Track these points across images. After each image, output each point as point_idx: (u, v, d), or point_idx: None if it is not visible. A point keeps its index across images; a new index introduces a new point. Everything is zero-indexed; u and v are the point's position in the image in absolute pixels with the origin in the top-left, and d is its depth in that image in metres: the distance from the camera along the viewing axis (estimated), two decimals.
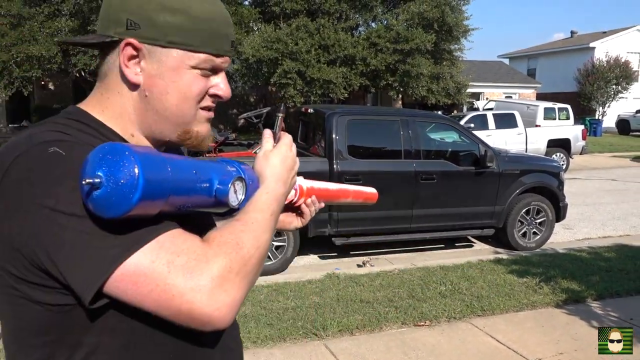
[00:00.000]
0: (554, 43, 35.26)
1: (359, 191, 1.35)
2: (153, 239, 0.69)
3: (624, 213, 8.31)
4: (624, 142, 21.25)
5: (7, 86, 12.08)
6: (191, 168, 0.76)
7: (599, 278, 4.71)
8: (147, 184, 0.64)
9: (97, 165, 0.64)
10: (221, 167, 0.85)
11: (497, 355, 3.31)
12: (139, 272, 0.67)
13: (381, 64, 14.76)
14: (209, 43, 0.81)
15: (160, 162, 0.68)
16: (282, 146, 0.94)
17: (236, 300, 0.71)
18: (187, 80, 0.81)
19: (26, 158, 0.70)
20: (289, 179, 0.93)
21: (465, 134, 6.02)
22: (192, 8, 0.78)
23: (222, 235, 0.75)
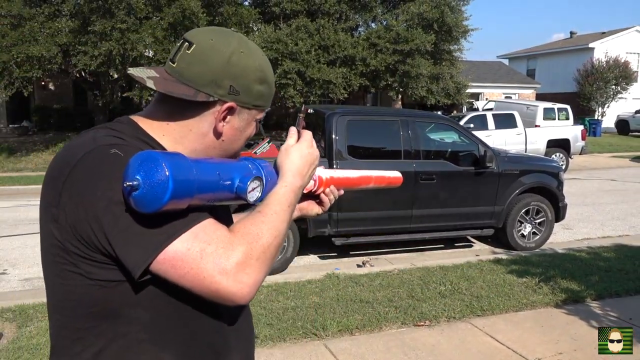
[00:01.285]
0: (554, 43, 35.28)
1: (381, 177, 1.40)
2: (189, 230, 0.83)
3: (623, 213, 8.32)
4: (623, 143, 21.26)
5: (8, 86, 12.08)
6: (215, 170, 0.89)
7: (599, 278, 4.72)
8: (176, 186, 0.77)
9: (136, 170, 0.77)
10: (243, 167, 0.97)
11: (497, 355, 3.31)
12: (177, 257, 0.81)
13: (381, 65, 14.76)
14: (270, 101, 1.03)
15: (187, 167, 0.81)
16: (303, 142, 1.07)
17: (257, 281, 0.85)
18: (251, 129, 1.02)
19: (93, 156, 0.85)
20: (307, 172, 1.05)
21: (464, 134, 6.02)
22: (270, 78, 1.00)
23: (245, 226, 0.89)
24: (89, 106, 18.04)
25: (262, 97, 0.99)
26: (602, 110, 27.53)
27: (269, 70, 1.01)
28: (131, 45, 11.77)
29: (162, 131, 0.96)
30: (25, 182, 10.89)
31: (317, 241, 5.60)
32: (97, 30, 11.74)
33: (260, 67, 0.98)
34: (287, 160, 1.04)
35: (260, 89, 0.98)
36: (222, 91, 0.93)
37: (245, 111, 0.98)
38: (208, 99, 0.93)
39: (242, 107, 0.97)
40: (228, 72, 0.93)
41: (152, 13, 12.50)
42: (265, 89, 1.00)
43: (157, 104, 0.98)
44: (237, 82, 0.94)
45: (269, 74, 1.00)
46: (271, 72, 1.01)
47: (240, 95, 0.96)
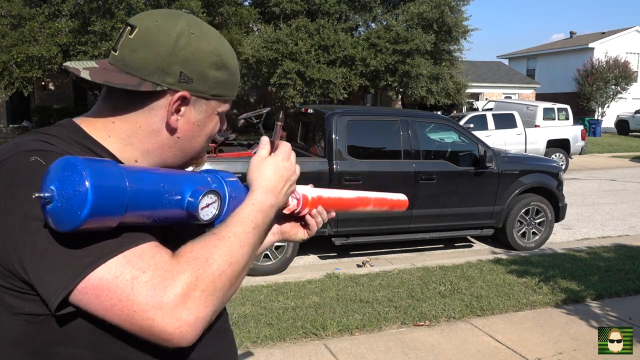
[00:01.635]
0: (553, 43, 35.29)
1: (382, 199, 1.18)
2: (120, 253, 0.69)
3: (623, 213, 8.33)
4: (623, 143, 21.27)
5: (8, 86, 12.10)
6: (159, 180, 0.75)
7: (598, 278, 4.72)
8: (98, 199, 0.63)
9: (52, 179, 0.65)
10: (199, 179, 0.83)
11: (497, 355, 3.32)
12: (102, 286, 0.67)
13: (381, 65, 14.77)
14: (234, 91, 0.91)
15: (116, 176, 0.67)
16: (278, 155, 0.93)
17: (200, 319, 0.70)
18: (213, 124, 0.90)
19: (9, 164, 0.73)
20: (282, 189, 0.91)
21: (464, 134, 6.03)
22: (230, 63, 0.88)
23: (193, 250, 0.74)
24: (88, 106, 18.03)
25: (221, 85, 0.87)
26: (602, 110, 27.54)
27: (229, 55, 0.88)
28: None
29: (107, 131, 0.84)
30: None
31: (317, 241, 5.60)
32: (97, 30, 11.75)
33: (216, 51, 0.85)
34: (258, 174, 0.90)
35: (217, 76, 0.85)
36: (172, 79, 0.81)
37: (202, 102, 0.86)
38: (155, 89, 0.81)
39: (197, 97, 0.85)
40: (176, 57, 0.81)
41: None
42: (225, 75, 0.87)
43: (102, 100, 0.86)
44: (188, 68, 0.82)
45: (228, 59, 0.88)
46: (232, 57, 0.89)
47: (193, 83, 0.83)
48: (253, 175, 0.90)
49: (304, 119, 6.29)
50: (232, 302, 3.97)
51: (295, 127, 6.52)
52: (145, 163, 0.86)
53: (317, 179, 5.05)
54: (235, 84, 0.91)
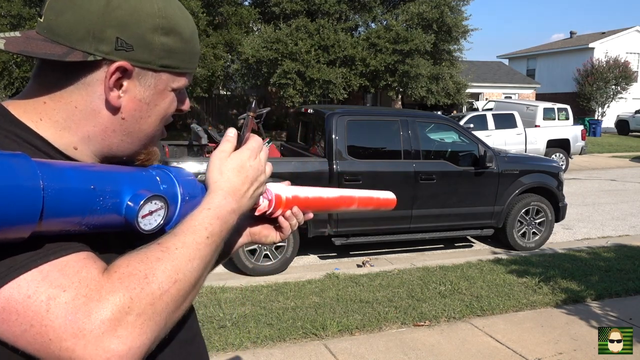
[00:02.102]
0: (554, 43, 35.29)
1: (367, 198, 1.08)
2: (36, 267, 0.56)
3: (623, 213, 8.32)
4: (623, 143, 21.27)
5: (7, 86, 12.10)
6: (88, 180, 0.61)
7: (598, 278, 4.72)
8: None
9: None
10: (144, 178, 0.70)
11: (497, 355, 3.31)
12: (11, 308, 0.54)
13: (381, 65, 14.77)
14: (190, 63, 0.76)
15: (27, 175, 0.53)
16: (244, 151, 0.80)
17: (134, 349, 0.57)
18: (167, 103, 0.75)
19: None
20: (246, 192, 0.79)
21: (464, 134, 6.03)
22: (182, 28, 0.73)
23: (130, 264, 0.61)
24: None
25: (171, 53, 0.72)
26: (602, 110, 27.55)
27: (180, 18, 0.73)
28: None
29: (38, 114, 0.69)
30: None
31: (317, 241, 5.60)
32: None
33: (160, 12, 0.70)
34: (217, 174, 0.78)
35: (165, 42, 0.70)
36: (106, 46, 0.67)
37: (149, 75, 0.71)
38: (86, 59, 0.66)
39: (142, 69, 0.70)
40: (110, 19, 0.66)
41: None
42: (175, 42, 0.72)
43: (33, 79, 0.72)
44: (126, 32, 0.67)
45: (179, 22, 0.72)
46: (185, 21, 0.74)
47: (134, 50, 0.68)
48: (212, 174, 0.78)
49: (304, 119, 6.29)
50: (232, 302, 3.97)
51: (295, 127, 6.52)
52: (88, 151, 0.72)
53: (317, 179, 5.05)
54: (192, 53, 0.75)
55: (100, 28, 0.67)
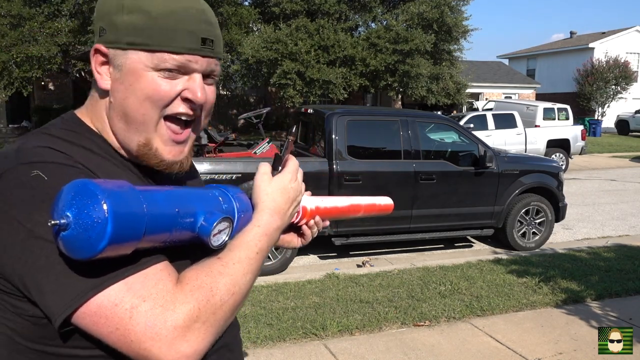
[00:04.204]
0: (554, 43, 35.29)
1: (371, 205, 1.23)
2: (122, 279, 0.66)
3: (623, 213, 8.32)
4: (623, 143, 21.27)
5: (7, 86, 12.09)
6: (174, 204, 0.71)
7: (598, 278, 4.72)
8: (116, 230, 0.60)
9: (68, 204, 0.61)
10: (211, 199, 0.79)
11: (497, 355, 3.31)
12: (101, 313, 0.65)
13: (381, 65, 14.76)
14: (167, 41, 0.74)
15: (135, 202, 0.63)
16: (286, 174, 0.89)
17: (198, 351, 0.68)
18: (146, 82, 0.75)
19: (9, 179, 0.68)
20: (287, 211, 0.88)
21: (464, 134, 6.03)
22: (152, 5, 0.74)
23: (198, 276, 0.71)
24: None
25: (136, 30, 0.74)
26: (602, 110, 27.54)
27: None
28: None
29: (89, 115, 0.82)
30: None
31: (317, 241, 5.59)
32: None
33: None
34: (264, 195, 0.85)
35: (126, 20, 0.74)
36: (96, 37, 0.77)
37: (119, 54, 0.75)
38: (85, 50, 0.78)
39: (114, 49, 0.75)
40: (97, 12, 0.78)
41: None
42: (140, 19, 0.74)
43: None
44: (103, 20, 0.76)
45: (143, 1, 0.74)
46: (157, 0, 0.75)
47: (106, 34, 0.75)
48: (260, 195, 0.86)
49: (304, 119, 6.29)
50: None
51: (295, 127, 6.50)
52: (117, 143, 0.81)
53: (317, 179, 5.05)
54: (162, 29, 0.74)
55: (95, 24, 0.78)
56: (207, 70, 0.79)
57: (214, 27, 0.79)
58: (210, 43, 0.78)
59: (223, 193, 0.82)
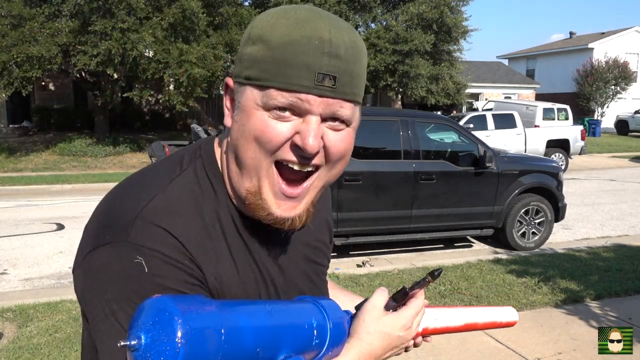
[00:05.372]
0: (553, 44, 35.31)
1: (490, 323, 1.00)
2: None
3: (622, 213, 8.33)
4: (622, 143, 21.28)
5: (7, 86, 12.09)
6: (258, 341, 0.62)
7: (598, 278, 4.73)
8: None
9: (145, 328, 0.57)
10: (303, 335, 0.68)
11: (497, 355, 3.32)
12: None
13: (380, 65, 14.79)
14: (279, 75, 0.64)
15: (214, 344, 0.57)
16: (401, 318, 0.76)
17: None
18: (255, 122, 0.66)
19: (115, 253, 0.66)
20: (382, 356, 0.76)
21: (464, 134, 6.03)
22: (273, 34, 0.65)
23: None
24: (89, 106, 18.05)
25: (254, 63, 0.66)
26: (602, 111, 27.57)
27: (271, 26, 0.65)
28: (131, 45, 11.79)
29: (220, 152, 0.76)
30: (25, 182, 10.89)
31: None
32: (97, 30, 11.76)
33: (257, 22, 0.67)
34: (364, 333, 0.74)
35: (251, 52, 0.66)
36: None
37: (239, 90, 0.68)
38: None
39: (238, 84, 0.69)
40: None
41: (153, 13, 12.53)
42: (259, 49, 0.65)
43: None
44: (238, 51, 0.70)
45: (268, 29, 0.65)
46: (276, 29, 0.65)
47: (236, 66, 0.70)
48: (358, 329, 0.74)
49: None
50: None
51: None
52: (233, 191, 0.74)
53: None
54: (277, 61, 0.64)
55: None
56: (327, 113, 0.66)
57: (340, 61, 0.65)
58: (331, 80, 0.64)
59: (321, 318, 0.70)
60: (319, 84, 0.64)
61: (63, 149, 14.08)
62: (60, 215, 7.82)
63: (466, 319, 0.96)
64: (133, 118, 18.36)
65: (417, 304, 0.77)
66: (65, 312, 3.89)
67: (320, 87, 0.64)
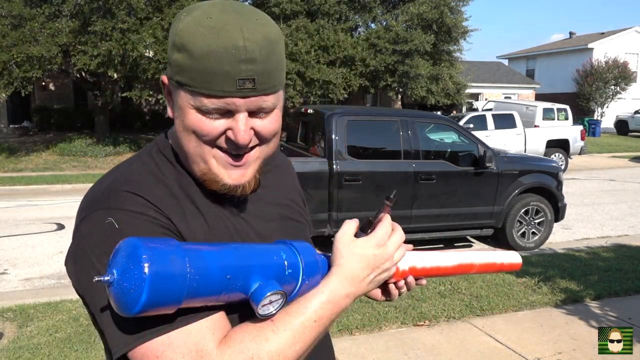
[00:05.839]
0: (553, 44, 35.31)
1: (489, 264, 1.00)
2: (166, 333, 0.67)
3: (622, 213, 8.33)
4: (622, 143, 21.28)
5: (7, 86, 12.09)
6: (226, 270, 0.68)
7: (598, 278, 4.73)
8: (152, 298, 0.61)
9: (117, 263, 0.63)
10: (274, 266, 0.74)
11: (496, 355, 3.32)
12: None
13: (380, 65, 14.79)
14: (205, 84, 0.71)
15: (179, 273, 0.63)
16: (371, 239, 0.81)
17: None
18: (191, 119, 0.74)
19: (89, 222, 0.74)
20: (365, 278, 0.80)
21: (464, 134, 6.04)
22: (194, 44, 0.70)
23: (243, 340, 0.70)
24: (89, 106, 18.05)
25: (181, 70, 0.72)
26: (602, 111, 27.56)
27: (194, 36, 0.70)
28: (131, 45, 11.79)
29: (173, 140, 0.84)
30: (26, 182, 10.89)
31: (317, 241, 5.60)
32: (97, 30, 11.76)
33: (178, 31, 0.72)
34: (339, 257, 0.80)
35: (177, 59, 0.72)
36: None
37: (174, 89, 0.76)
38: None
39: (173, 86, 0.76)
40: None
41: (153, 13, 12.52)
42: (184, 59, 0.71)
43: None
44: (168, 52, 0.77)
45: (191, 40, 0.70)
46: (199, 39, 0.70)
47: (168, 67, 0.76)
48: (335, 256, 0.81)
49: (304, 119, 6.30)
50: None
51: (295, 127, 6.52)
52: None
53: (316, 179, 5.06)
54: (201, 72, 0.70)
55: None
56: (253, 108, 0.74)
57: (256, 64, 0.71)
58: (251, 82, 0.71)
59: (291, 254, 0.76)
60: (241, 87, 0.71)
61: (63, 149, 14.08)
62: (60, 215, 7.82)
63: (460, 259, 0.96)
64: (133, 118, 18.36)
65: (384, 225, 0.83)
66: (65, 312, 3.89)
67: (242, 90, 0.71)
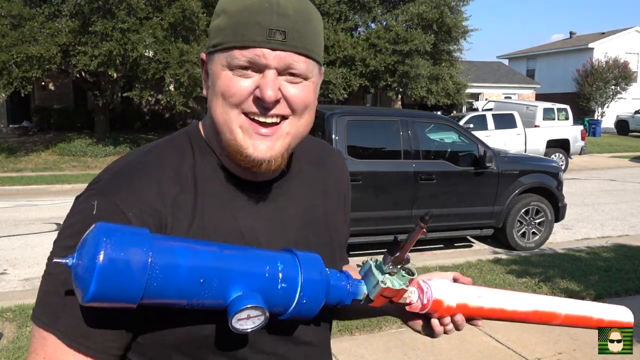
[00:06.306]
0: (553, 44, 35.31)
1: (581, 317, 0.87)
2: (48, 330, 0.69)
3: (622, 213, 8.33)
4: (622, 143, 21.28)
5: (7, 86, 12.08)
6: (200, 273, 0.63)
7: (598, 278, 4.73)
8: (102, 288, 0.58)
9: (81, 247, 0.61)
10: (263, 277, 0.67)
11: (497, 355, 3.32)
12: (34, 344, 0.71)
13: (380, 65, 14.79)
14: (237, 36, 0.71)
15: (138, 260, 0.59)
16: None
17: None
18: (221, 81, 0.73)
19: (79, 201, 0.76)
20: None
21: (464, 134, 6.03)
22: (231, 4, 0.73)
23: None
24: (89, 106, 18.04)
25: (219, 32, 0.73)
26: (602, 111, 27.57)
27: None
28: (131, 45, 11.79)
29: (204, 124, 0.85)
30: (26, 182, 10.89)
31: None
32: (97, 30, 11.76)
33: (219, 2, 0.76)
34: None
35: (217, 24, 0.74)
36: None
37: (210, 60, 0.77)
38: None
39: (209, 55, 0.77)
40: None
41: (153, 13, 12.52)
42: (223, 20, 0.73)
43: None
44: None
45: (227, 2, 0.74)
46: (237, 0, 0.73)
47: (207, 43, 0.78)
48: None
49: None
50: None
51: None
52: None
53: None
54: (235, 26, 0.72)
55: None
56: (282, 66, 0.72)
57: (289, 19, 0.71)
58: (281, 35, 0.71)
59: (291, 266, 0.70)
60: (271, 38, 0.71)
61: (63, 149, 14.08)
62: (60, 215, 7.82)
63: (538, 305, 0.78)
64: (133, 118, 18.36)
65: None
66: None
67: (272, 41, 0.71)
